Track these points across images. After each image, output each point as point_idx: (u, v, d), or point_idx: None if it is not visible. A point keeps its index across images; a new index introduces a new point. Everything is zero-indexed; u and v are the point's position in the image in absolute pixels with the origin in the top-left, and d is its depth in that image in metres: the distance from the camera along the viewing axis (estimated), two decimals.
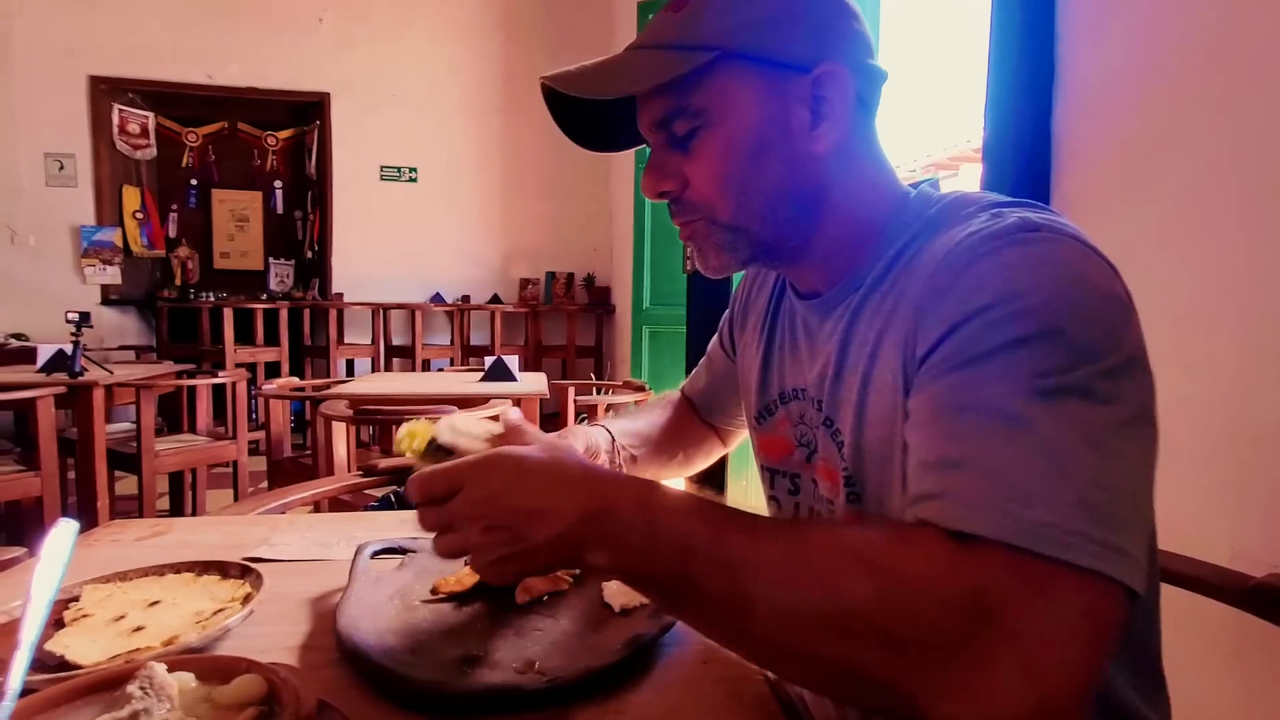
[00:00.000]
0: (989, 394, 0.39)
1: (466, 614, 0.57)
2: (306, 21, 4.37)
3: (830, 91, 0.50)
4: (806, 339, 0.60)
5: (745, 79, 0.50)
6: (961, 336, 0.41)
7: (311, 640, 0.54)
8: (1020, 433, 0.37)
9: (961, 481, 0.38)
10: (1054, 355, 0.38)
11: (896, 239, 0.52)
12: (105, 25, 4.13)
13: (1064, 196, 1.17)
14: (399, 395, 2.12)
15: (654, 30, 0.53)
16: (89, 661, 0.46)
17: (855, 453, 0.52)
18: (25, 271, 4.10)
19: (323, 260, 4.61)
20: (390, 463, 1.14)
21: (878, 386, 0.49)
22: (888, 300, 0.50)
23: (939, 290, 0.44)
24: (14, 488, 2.15)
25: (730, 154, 0.51)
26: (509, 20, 4.59)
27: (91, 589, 0.57)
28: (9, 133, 4.04)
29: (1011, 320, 0.39)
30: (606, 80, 0.52)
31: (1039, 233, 0.43)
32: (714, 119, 0.51)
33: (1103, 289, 0.41)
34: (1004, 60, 1.19)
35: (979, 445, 0.38)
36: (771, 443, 0.65)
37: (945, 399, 0.41)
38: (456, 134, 4.57)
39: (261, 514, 0.95)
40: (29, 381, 2.29)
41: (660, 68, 0.50)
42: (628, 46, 0.54)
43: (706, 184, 0.52)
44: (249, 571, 0.60)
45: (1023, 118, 1.17)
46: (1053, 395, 0.37)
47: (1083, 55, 1.16)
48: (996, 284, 0.41)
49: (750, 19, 0.50)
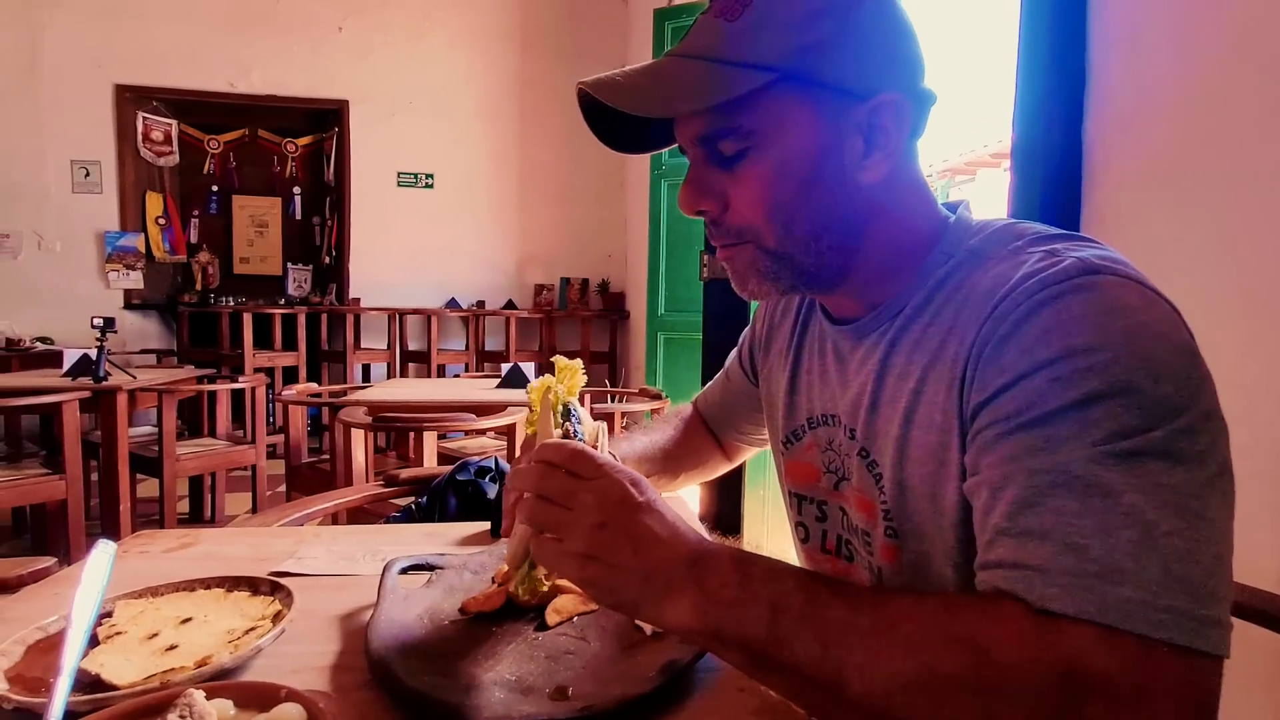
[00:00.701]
0: (1064, 458, 0.37)
1: (497, 635, 0.56)
2: (326, 30, 4.43)
3: (887, 120, 0.48)
4: (837, 364, 0.58)
5: (801, 103, 0.48)
6: (1026, 391, 0.40)
7: (342, 660, 0.54)
8: (1101, 501, 0.36)
9: (1043, 554, 0.36)
10: (1130, 415, 0.37)
11: (936, 267, 0.51)
12: (131, 35, 4.21)
13: (1096, 208, 1.15)
14: (417, 402, 2.13)
15: (703, 38, 0.49)
16: (124, 681, 0.46)
17: (896, 489, 0.50)
18: (51, 276, 4.18)
19: (340, 265, 4.65)
20: (411, 473, 1.14)
21: (923, 424, 0.48)
22: (930, 333, 0.49)
23: (999, 337, 0.42)
24: (39, 491, 2.18)
25: (780, 180, 0.49)
26: (526, 28, 4.62)
27: (124, 604, 0.57)
28: (37, 140, 4.13)
29: (1080, 377, 0.38)
30: (656, 96, 0.48)
31: (1099, 276, 0.41)
32: (765, 142, 0.48)
33: (1172, 338, 0.40)
34: (1034, 66, 1.17)
35: (1058, 515, 0.37)
36: (798, 468, 0.64)
37: (1016, 461, 0.39)
38: (473, 140, 4.60)
39: (284, 525, 0.95)
40: (55, 386, 2.32)
41: (715, 87, 0.47)
42: (671, 52, 0.51)
43: (752, 208, 0.50)
44: (279, 588, 0.60)
45: (1052, 125, 1.15)
46: (1132, 459, 0.36)
47: (1116, 62, 1.14)
48: (1061, 336, 0.39)
49: (811, 40, 0.47)
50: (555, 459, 0.45)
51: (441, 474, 1.06)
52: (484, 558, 0.70)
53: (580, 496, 0.43)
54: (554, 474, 0.44)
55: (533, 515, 0.44)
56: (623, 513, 0.42)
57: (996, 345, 0.42)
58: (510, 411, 1.99)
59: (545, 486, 0.44)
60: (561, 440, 0.46)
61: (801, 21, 0.47)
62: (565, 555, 0.43)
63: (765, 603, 0.40)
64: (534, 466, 0.45)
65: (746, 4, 0.48)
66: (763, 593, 0.40)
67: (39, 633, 0.52)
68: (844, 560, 0.60)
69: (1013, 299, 0.42)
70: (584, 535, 0.42)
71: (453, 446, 2.46)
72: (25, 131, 4.10)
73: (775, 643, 0.39)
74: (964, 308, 0.46)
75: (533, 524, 0.44)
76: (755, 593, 0.40)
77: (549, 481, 0.44)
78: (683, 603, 0.41)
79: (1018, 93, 1.20)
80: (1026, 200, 1.19)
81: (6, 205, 4.10)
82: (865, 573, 0.57)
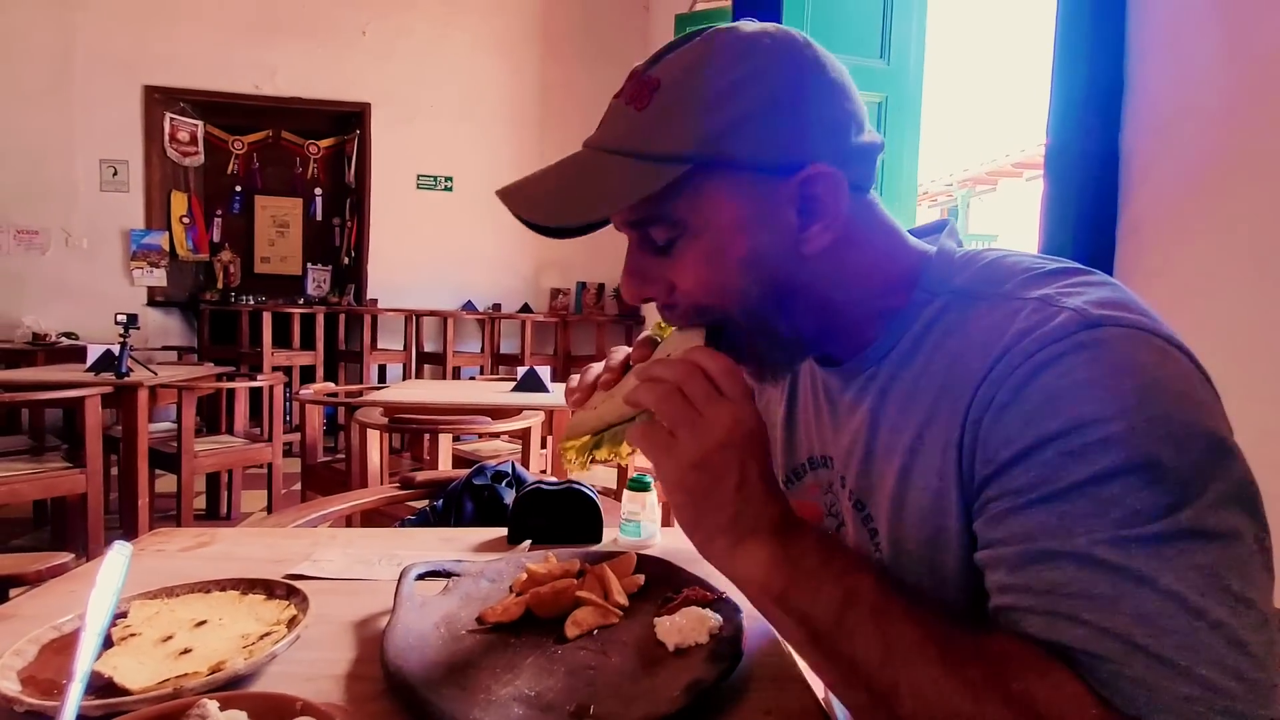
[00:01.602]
0: (1085, 541, 0.36)
1: (515, 647, 0.55)
2: (350, 33, 4.48)
3: (818, 190, 0.45)
4: (829, 404, 0.56)
5: (724, 186, 0.45)
6: (1036, 465, 0.37)
7: (357, 669, 0.53)
8: (1134, 587, 0.34)
9: (1086, 639, 0.35)
10: (1155, 494, 0.35)
11: (920, 308, 0.48)
12: (160, 38, 4.28)
13: (1134, 219, 1.12)
14: (432, 404, 2.13)
15: (617, 127, 0.47)
16: (137, 685, 0.45)
17: (893, 548, 0.48)
18: (77, 273, 4.25)
19: (359, 266, 4.69)
20: (427, 476, 1.13)
21: (919, 485, 0.45)
22: (923, 386, 0.46)
23: (998, 405, 0.39)
24: (60, 484, 2.21)
25: (718, 263, 0.46)
26: (547, 33, 4.64)
27: (139, 605, 0.56)
28: (68, 140, 4.21)
29: (1094, 452, 0.36)
30: (572, 204, 0.46)
31: (1100, 330, 0.38)
32: (694, 228, 0.45)
33: (1189, 395, 0.37)
34: (1070, 69, 1.14)
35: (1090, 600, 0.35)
36: (802, 508, 0.61)
37: (1033, 540, 0.37)
38: (493, 144, 4.62)
39: (300, 526, 0.94)
40: (78, 381, 2.35)
41: (630, 185, 0.44)
42: (589, 141, 0.48)
43: (700, 289, 0.47)
44: (294, 592, 0.59)
45: (1089, 131, 1.12)
46: (1165, 542, 0.34)
47: (1156, 66, 1.10)
48: (1067, 405, 0.37)
49: (723, 123, 0.43)
50: (709, 366, 0.43)
51: (458, 477, 1.05)
52: (501, 565, 0.69)
53: (717, 408, 0.42)
54: (701, 378, 0.43)
55: (664, 401, 0.43)
56: (749, 446, 0.42)
57: (996, 414, 0.40)
58: (525, 415, 1.98)
59: (689, 384, 0.43)
60: (717, 352, 0.44)
61: (712, 103, 0.44)
62: (676, 453, 0.42)
63: (841, 587, 0.39)
64: (682, 362, 0.44)
65: (654, 88, 0.45)
66: (842, 576, 0.40)
67: (53, 632, 0.51)
68: None
69: (1007, 361, 0.40)
70: (704, 446, 0.41)
71: (467, 449, 2.46)
72: (57, 131, 4.19)
73: (838, 630, 0.39)
74: (957, 363, 0.43)
75: (657, 409, 0.43)
76: (835, 573, 0.40)
77: (694, 382, 0.43)
78: (759, 553, 0.41)
79: (1053, 97, 1.17)
80: (1060, 210, 1.16)
81: (37, 203, 4.19)
82: None
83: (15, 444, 2.69)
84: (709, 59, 0.45)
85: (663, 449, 0.43)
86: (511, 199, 0.48)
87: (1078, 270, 0.44)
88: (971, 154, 4.73)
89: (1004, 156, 8.42)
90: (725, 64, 0.44)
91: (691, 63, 0.45)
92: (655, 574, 0.67)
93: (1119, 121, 1.15)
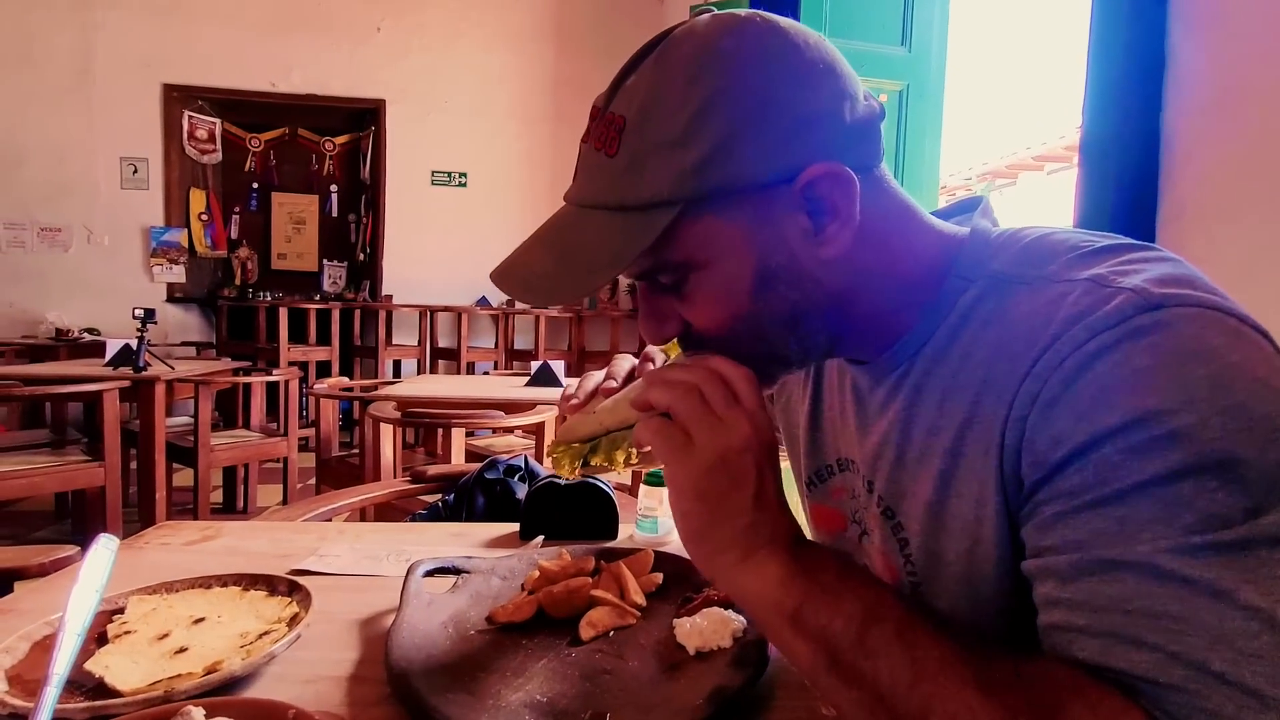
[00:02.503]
0: (1148, 549, 0.31)
1: (526, 649, 0.52)
2: (365, 31, 4.49)
3: (824, 190, 0.41)
4: (855, 404, 0.51)
5: (721, 217, 0.41)
6: (1093, 464, 0.33)
7: (360, 670, 0.50)
8: (1210, 602, 0.30)
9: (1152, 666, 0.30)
10: (1232, 495, 0.30)
11: (955, 295, 0.43)
12: (179, 37, 4.32)
13: (1176, 202, 1.06)
14: (446, 399, 2.11)
15: (592, 180, 0.43)
16: (128, 686, 0.42)
17: (928, 559, 0.44)
18: (99, 269, 4.31)
19: (374, 262, 4.71)
20: (439, 470, 1.10)
21: (963, 492, 0.41)
22: (962, 381, 0.41)
23: (1045, 401, 0.35)
24: (80, 477, 2.22)
25: (729, 296, 0.42)
26: (561, 29, 4.61)
27: (137, 600, 0.54)
28: (89, 138, 4.26)
29: (1160, 448, 0.31)
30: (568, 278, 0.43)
31: (1163, 310, 0.33)
32: (699, 265, 0.42)
33: (1270, 383, 0.32)
34: (1107, 49, 1.09)
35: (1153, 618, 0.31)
36: (824, 513, 0.57)
37: (1087, 548, 0.33)
38: (506, 140, 4.61)
39: (309, 520, 0.92)
40: (97, 375, 2.37)
41: (619, 245, 0.41)
42: (567, 196, 0.45)
43: (709, 326, 0.44)
44: (297, 588, 0.56)
45: (1128, 114, 1.07)
46: (1245, 550, 0.30)
47: (1200, 45, 1.05)
48: (1127, 397, 0.32)
49: (703, 152, 0.39)
50: (729, 373, 0.41)
51: (470, 471, 1.02)
52: (513, 562, 0.66)
53: (736, 415, 0.39)
54: (721, 383, 0.41)
55: (681, 401, 0.40)
56: (764, 457, 0.39)
57: (1044, 410, 0.35)
58: (539, 410, 1.95)
59: (708, 387, 0.40)
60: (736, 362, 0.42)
61: (683, 134, 0.39)
62: (692, 454, 0.39)
63: (861, 603, 0.36)
64: (701, 365, 0.42)
65: (620, 128, 0.41)
66: (861, 592, 0.36)
67: (46, 628, 0.49)
68: None
69: (1055, 351, 0.35)
70: (721, 451, 0.39)
71: (480, 444, 2.44)
72: (78, 129, 4.24)
73: (860, 649, 0.35)
74: (999, 354, 0.39)
75: (674, 408, 0.40)
76: (853, 588, 0.37)
77: (714, 387, 0.40)
78: (770, 567, 0.38)
79: (1089, 77, 1.11)
80: (1098, 196, 1.10)
81: (59, 200, 4.25)
82: None
83: (37, 437, 2.72)
84: (669, 83, 0.40)
85: (679, 448, 0.39)
86: (505, 281, 0.45)
87: (1132, 246, 0.40)
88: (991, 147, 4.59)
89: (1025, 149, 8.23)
90: (687, 85, 0.39)
91: (652, 88, 0.40)
92: (673, 572, 0.63)
93: (1160, 102, 1.09)
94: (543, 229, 0.46)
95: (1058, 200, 7.20)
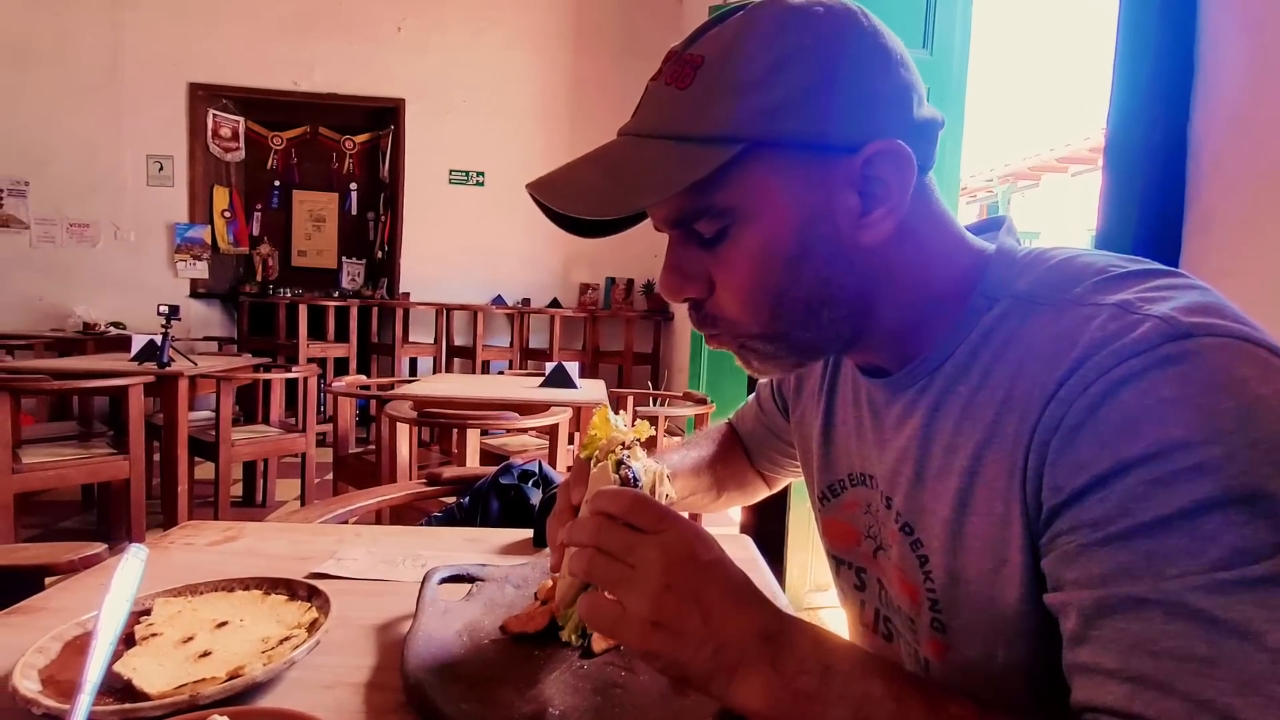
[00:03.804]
0: (1175, 585, 0.31)
1: (539, 660, 0.53)
2: (386, 30, 4.53)
3: (883, 170, 0.41)
4: (873, 418, 0.51)
5: (779, 169, 0.41)
6: (1116, 494, 0.33)
7: (377, 677, 0.51)
8: (1238, 644, 0.29)
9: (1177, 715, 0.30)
10: (1260, 530, 0.30)
11: (979, 314, 0.43)
12: (204, 37, 4.40)
13: (1202, 214, 1.04)
14: (461, 399, 2.13)
15: (656, 110, 0.43)
16: (155, 689, 0.44)
17: (949, 579, 0.43)
18: (125, 265, 4.41)
19: (392, 260, 4.76)
20: (455, 473, 1.12)
21: (981, 511, 0.41)
22: (981, 400, 0.41)
23: (1069, 427, 0.35)
24: (105, 470, 2.28)
25: (766, 259, 0.42)
26: (580, 28, 4.62)
27: (163, 603, 0.56)
28: (116, 136, 4.36)
29: (1186, 480, 0.31)
30: (609, 193, 0.42)
31: (1192, 340, 0.33)
32: (745, 216, 0.41)
33: None
34: (1135, 53, 1.07)
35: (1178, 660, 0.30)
36: (836, 527, 0.57)
37: (1110, 583, 0.32)
38: (524, 139, 4.64)
39: (326, 521, 0.94)
40: (122, 370, 2.42)
41: (673, 171, 0.40)
42: (625, 129, 0.44)
43: (735, 293, 0.43)
44: (316, 594, 0.58)
45: (1155, 122, 1.05)
46: (1264, 585, 0.29)
47: (1230, 53, 1.03)
48: (1153, 427, 0.32)
49: (777, 99, 0.39)
50: (614, 509, 0.40)
51: (484, 474, 1.03)
52: (526, 570, 0.67)
53: (643, 552, 0.38)
54: (613, 527, 0.39)
55: (589, 571, 0.39)
56: (691, 573, 0.37)
57: (1066, 437, 0.35)
58: (553, 411, 1.97)
59: (604, 540, 0.39)
60: (619, 488, 0.41)
61: (762, 78, 0.39)
62: (627, 621, 0.37)
63: (849, 704, 0.34)
64: (591, 518, 0.40)
65: (697, 65, 0.41)
66: (847, 691, 0.35)
67: (77, 629, 0.50)
68: (882, 638, 0.54)
69: (1081, 376, 0.35)
70: (649, 598, 0.37)
71: (495, 443, 2.46)
72: (106, 128, 4.34)
73: None
74: (1020, 374, 0.39)
75: (589, 580, 0.40)
76: (838, 690, 0.35)
77: (608, 535, 0.39)
78: (754, 682, 0.36)
79: (1115, 82, 1.10)
80: (1122, 203, 1.09)
81: (88, 197, 4.35)
82: (909, 659, 0.51)
83: (66, 429, 2.79)
84: (757, 31, 0.41)
85: (612, 620, 0.38)
86: (542, 192, 0.44)
87: (1161, 272, 0.39)
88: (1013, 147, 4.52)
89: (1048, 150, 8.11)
90: (774, 35, 0.40)
91: (737, 36, 0.41)
92: None
93: (1188, 110, 1.07)
94: (593, 151, 0.45)
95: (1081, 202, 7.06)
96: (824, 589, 2.24)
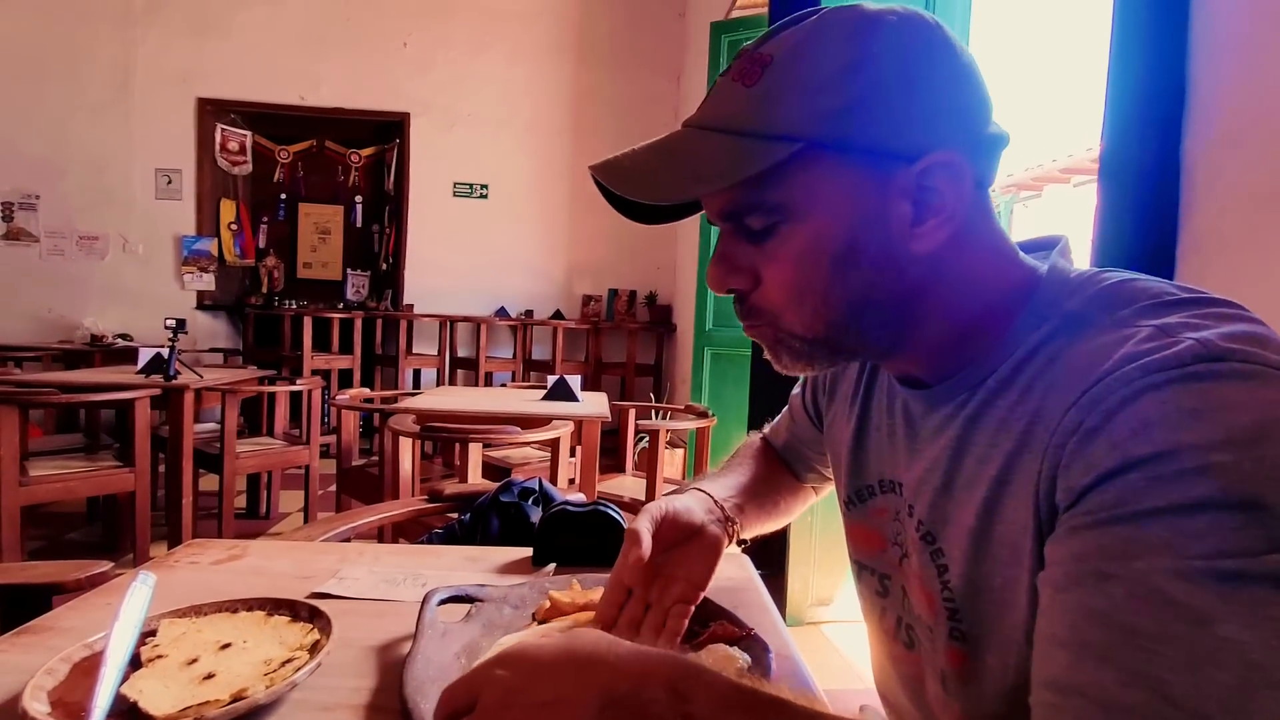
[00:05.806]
0: (1144, 565, 0.31)
1: None
2: (392, 45, 4.60)
3: (939, 182, 0.41)
4: (906, 427, 0.51)
5: (835, 172, 0.41)
6: (1115, 487, 0.33)
7: (376, 699, 0.52)
8: (1188, 627, 0.29)
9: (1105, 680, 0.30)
10: (1245, 534, 0.30)
11: (1027, 333, 0.43)
12: (214, 52, 4.47)
13: (1195, 234, 1.06)
14: (464, 412, 2.14)
15: (721, 105, 0.44)
16: (160, 712, 0.45)
17: (968, 588, 0.44)
18: (133, 277, 4.45)
19: (396, 272, 4.79)
20: (456, 490, 1.13)
21: (1009, 519, 0.41)
22: (1018, 413, 0.41)
23: (1086, 430, 0.35)
24: (111, 482, 2.30)
25: (812, 259, 0.43)
26: (582, 42, 4.68)
27: (168, 624, 0.57)
28: (127, 150, 4.42)
29: (1187, 479, 0.31)
30: (668, 180, 0.43)
31: (1223, 363, 0.33)
32: (796, 216, 0.42)
33: None
34: (1127, 71, 1.09)
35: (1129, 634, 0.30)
36: (862, 533, 0.57)
37: (1085, 560, 0.33)
38: (528, 152, 4.68)
39: (328, 539, 0.95)
40: (129, 382, 2.45)
41: (731, 164, 0.41)
42: (689, 120, 0.45)
43: (780, 289, 0.44)
44: (318, 615, 0.59)
45: (1146, 142, 1.06)
46: (1235, 581, 0.29)
47: (1224, 69, 1.04)
48: (1164, 431, 0.32)
49: (841, 102, 0.40)
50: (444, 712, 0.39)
51: (485, 491, 1.04)
52: (524, 590, 0.67)
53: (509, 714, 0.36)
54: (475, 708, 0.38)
55: None
56: (512, 711, 0.36)
57: (1082, 439, 0.35)
58: (555, 425, 1.98)
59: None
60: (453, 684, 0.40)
61: (829, 80, 0.40)
62: None
63: None
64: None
65: (765, 64, 0.42)
66: None
67: (85, 650, 0.52)
68: (903, 645, 0.54)
69: (1105, 385, 0.35)
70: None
71: (497, 455, 2.48)
72: (117, 141, 4.40)
73: None
74: (1054, 387, 0.39)
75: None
76: None
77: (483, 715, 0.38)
78: None
79: (1108, 101, 1.11)
80: (1115, 221, 1.10)
81: (98, 209, 4.40)
82: (928, 668, 0.51)
83: (72, 441, 2.82)
84: (827, 35, 0.42)
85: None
86: (604, 175, 0.45)
87: (1217, 301, 0.39)
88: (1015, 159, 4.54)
89: (1050, 161, 8.11)
90: (845, 40, 0.41)
91: (808, 38, 0.42)
92: None
93: (1180, 130, 1.08)
94: (656, 140, 0.46)
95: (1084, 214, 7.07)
96: (826, 604, 2.23)
